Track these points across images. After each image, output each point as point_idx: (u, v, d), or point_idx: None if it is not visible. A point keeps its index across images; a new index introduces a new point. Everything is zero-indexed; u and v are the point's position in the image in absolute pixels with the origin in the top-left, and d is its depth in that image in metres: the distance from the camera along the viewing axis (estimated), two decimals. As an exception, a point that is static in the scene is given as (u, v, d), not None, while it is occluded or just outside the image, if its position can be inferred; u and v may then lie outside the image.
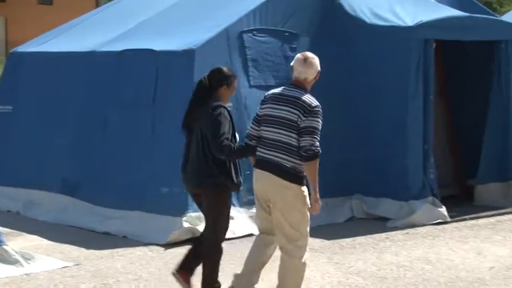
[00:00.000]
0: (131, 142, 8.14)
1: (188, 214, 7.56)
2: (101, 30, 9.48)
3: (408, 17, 8.63)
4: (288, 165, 5.26)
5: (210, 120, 5.35)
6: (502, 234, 7.90)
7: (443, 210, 8.43)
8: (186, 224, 7.52)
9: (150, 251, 7.29)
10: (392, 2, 9.01)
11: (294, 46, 8.54)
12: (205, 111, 5.40)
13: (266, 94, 5.50)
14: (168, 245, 7.39)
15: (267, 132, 5.35)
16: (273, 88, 8.25)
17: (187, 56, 7.83)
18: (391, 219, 8.33)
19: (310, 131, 5.22)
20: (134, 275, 6.56)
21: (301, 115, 5.23)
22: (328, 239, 7.66)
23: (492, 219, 8.57)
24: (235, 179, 5.43)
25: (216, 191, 5.41)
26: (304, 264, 5.39)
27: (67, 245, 7.46)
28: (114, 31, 9.16)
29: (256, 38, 8.34)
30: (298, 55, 5.47)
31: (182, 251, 7.17)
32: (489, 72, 9.23)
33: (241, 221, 7.89)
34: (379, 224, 8.25)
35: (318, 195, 5.26)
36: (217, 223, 5.46)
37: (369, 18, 8.73)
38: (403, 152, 8.37)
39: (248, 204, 7.99)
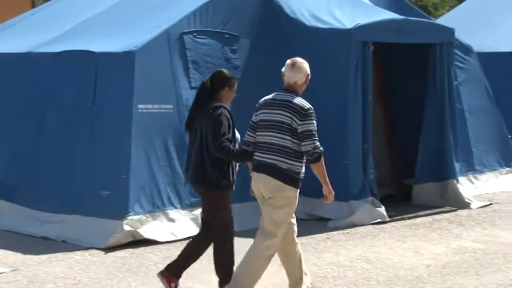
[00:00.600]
0: (70, 145, 7.95)
1: (129, 217, 7.42)
2: (37, 31, 9.26)
3: (347, 19, 8.66)
4: (284, 167, 5.40)
5: (211, 120, 5.49)
6: (438, 233, 7.97)
7: (382, 210, 8.47)
8: (127, 227, 7.38)
9: (90, 255, 7.12)
10: (331, 4, 9.03)
11: (235, 48, 8.49)
12: (206, 112, 5.54)
13: (259, 101, 5.60)
14: (109, 249, 7.24)
15: (262, 137, 5.48)
16: None
17: (127, 57, 7.70)
18: (331, 219, 8.33)
19: (309, 135, 5.37)
20: (73, 280, 6.40)
21: (295, 118, 5.37)
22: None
23: (429, 218, 8.65)
24: (231, 179, 5.59)
25: (216, 190, 5.55)
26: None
27: (3, 250, 7.22)
28: (51, 32, 8.94)
29: (197, 39, 8.25)
30: (288, 61, 5.60)
31: (123, 254, 7.08)
32: (425, 74, 9.31)
33: (182, 223, 7.78)
34: (320, 224, 8.23)
35: (330, 187, 5.53)
36: (224, 219, 5.60)
37: (309, 21, 8.74)
38: (343, 153, 8.38)
39: (190, 206, 7.89)
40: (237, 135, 5.67)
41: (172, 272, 5.69)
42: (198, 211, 7.96)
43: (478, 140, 10.13)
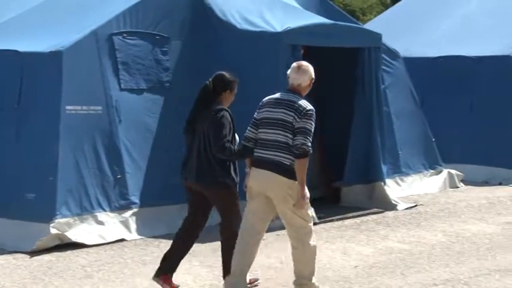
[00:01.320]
0: (-6, 146, 7.72)
1: (56, 220, 7.22)
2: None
3: (277, 22, 8.62)
4: (287, 163, 5.54)
5: (213, 122, 5.65)
6: (366, 234, 8.00)
7: (311, 211, 8.35)
8: (53, 231, 7.17)
9: (15, 259, 6.89)
10: (262, 7, 8.98)
11: (165, 49, 8.37)
12: (208, 114, 5.68)
13: (263, 100, 5.76)
14: (34, 253, 7.02)
15: (265, 134, 5.62)
16: (145, 92, 8.28)
17: (54, 57, 7.48)
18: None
19: (303, 131, 5.51)
20: (-3, 285, 6.19)
21: (296, 117, 5.53)
22: (201, 242, 7.47)
23: (357, 220, 8.68)
24: (234, 177, 5.76)
25: (220, 189, 5.70)
26: (315, 246, 5.71)
27: None
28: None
29: (127, 40, 8.09)
30: (294, 64, 5.83)
31: (49, 258, 6.88)
32: (354, 78, 9.35)
33: (111, 226, 7.62)
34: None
35: (305, 192, 5.54)
36: (230, 215, 5.77)
37: (239, 23, 8.67)
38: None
39: (120, 208, 7.74)
40: (236, 137, 5.82)
41: (166, 272, 5.82)
42: (128, 213, 7.84)
43: (404, 143, 10.25)
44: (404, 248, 7.38)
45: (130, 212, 7.82)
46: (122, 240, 7.58)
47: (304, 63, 5.84)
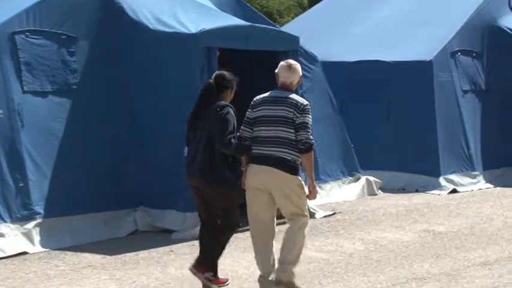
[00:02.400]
0: None
1: None
2: None
3: (192, 24, 8.48)
4: (289, 158, 5.84)
5: (219, 119, 5.90)
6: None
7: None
8: None
9: None
10: (176, 8, 8.80)
11: (73, 50, 8.07)
12: (213, 111, 5.94)
13: (255, 99, 6.07)
14: None
15: (264, 131, 5.89)
16: (50, 94, 7.94)
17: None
18: (176, 231, 8.14)
19: (305, 126, 5.85)
20: None
21: (295, 112, 5.86)
22: (110, 254, 7.30)
23: (275, 229, 8.58)
24: (237, 176, 5.99)
25: (223, 186, 5.92)
26: (305, 238, 6.02)
27: None
28: None
29: (30, 39, 7.73)
30: (282, 62, 6.18)
31: None
32: (272, 82, 9.22)
33: (12, 239, 7.24)
34: (164, 236, 8.05)
35: (315, 183, 5.96)
36: (229, 212, 5.99)
37: (152, 24, 8.49)
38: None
39: (22, 219, 7.38)
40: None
41: (202, 265, 6.05)
42: (31, 225, 7.46)
43: (322, 149, 10.20)
44: (322, 257, 7.37)
45: (33, 223, 7.49)
46: (24, 253, 7.21)
47: (293, 62, 6.20)
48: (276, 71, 6.15)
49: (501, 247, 7.89)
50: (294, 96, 5.99)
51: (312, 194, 5.95)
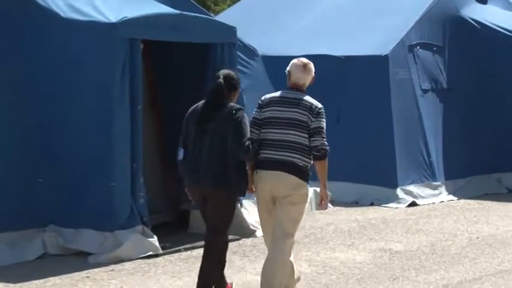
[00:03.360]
0: None
1: None
2: None
3: (111, 12, 8.44)
4: (301, 164, 6.31)
5: (234, 123, 6.31)
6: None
7: (154, 241, 8.36)
8: None
9: None
10: (93, -7, 8.76)
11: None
12: (225, 113, 6.35)
13: (263, 98, 6.53)
14: None
15: (273, 134, 6.36)
16: None
17: None
18: (92, 254, 8.10)
19: (320, 131, 6.35)
20: None
21: (310, 116, 6.34)
22: (14, 282, 7.19)
23: None
24: (248, 183, 6.48)
25: (233, 192, 6.41)
26: (291, 261, 6.52)
27: None
28: None
29: None
30: (295, 61, 6.59)
31: None
32: (204, 80, 9.29)
33: None
34: (78, 260, 8.02)
35: (327, 191, 6.46)
36: (227, 223, 6.51)
37: (64, 12, 8.42)
38: (107, 173, 8.17)
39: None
40: None
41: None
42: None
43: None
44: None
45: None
46: None
47: (307, 61, 6.58)
48: (288, 69, 6.54)
49: (465, 267, 8.02)
50: (308, 98, 6.42)
51: (324, 204, 6.47)
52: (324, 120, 6.41)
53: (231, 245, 8.72)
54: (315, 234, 9.46)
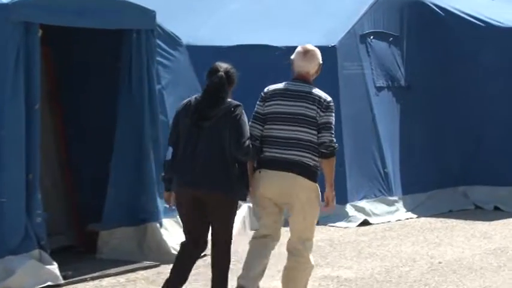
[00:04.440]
0: None
1: None
2: None
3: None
4: (312, 164, 6.75)
5: (233, 121, 6.72)
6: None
7: (54, 268, 8.25)
8: None
9: None
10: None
11: None
12: (224, 110, 6.75)
13: (266, 90, 6.93)
14: None
15: (278, 131, 6.78)
16: None
17: None
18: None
19: (328, 127, 6.75)
20: None
21: (319, 110, 6.73)
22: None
23: (121, 278, 8.65)
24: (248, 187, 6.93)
25: (233, 197, 6.84)
26: (312, 264, 7.07)
27: None
28: None
29: None
30: (299, 48, 7.02)
31: None
32: (116, 74, 9.29)
33: None
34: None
35: (334, 193, 6.88)
36: (230, 228, 6.93)
37: None
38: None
39: None
40: None
41: None
42: None
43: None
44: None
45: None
46: None
47: (310, 47, 6.99)
48: (291, 57, 6.97)
49: (426, 298, 8.13)
50: (316, 91, 6.81)
51: (331, 206, 6.91)
52: (333, 114, 6.79)
53: (147, 273, 8.88)
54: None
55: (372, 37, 12.15)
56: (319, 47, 11.40)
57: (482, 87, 12.80)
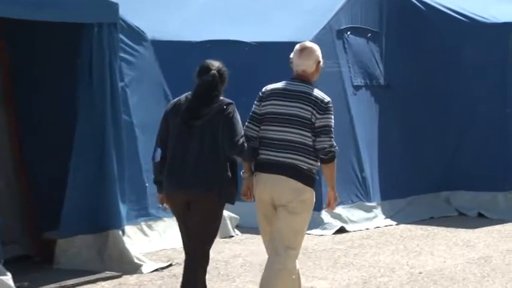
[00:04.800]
0: None
1: None
2: None
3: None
4: (305, 167, 6.79)
5: (226, 119, 6.83)
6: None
7: (7, 279, 8.11)
8: None
9: None
10: None
11: None
12: (216, 109, 6.86)
13: (264, 90, 6.98)
14: None
15: (273, 132, 6.85)
16: None
17: None
18: None
19: (327, 131, 6.80)
20: None
21: (315, 112, 6.77)
22: None
23: None
24: (237, 189, 6.99)
25: (221, 199, 6.91)
26: (298, 270, 7.04)
27: None
28: None
29: None
30: (297, 46, 7.02)
31: None
32: (75, 70, 9.23)
33: None
34: None
35: (335, 193, 7.03)
36: (214, 232, 7.03)
37: None
38: None
39: None
40: None
41: None
42: None
43: (151, 170, 10.11)
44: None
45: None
46: None
47: (309, 44, 7.04)
48: (291, 55, 6.99)
49: (406, 310, 8.13)
50: (313, 91, 6.84)
51: (332, 205, 7.02)
52: (332, 117, 6.82)
53: (108, 284, 8.83)
54: (217, 269, 9.39)
55: (349, 33, 12.13)
56: (293, 43, 11.46)
57: (466, 86, 12.81)
